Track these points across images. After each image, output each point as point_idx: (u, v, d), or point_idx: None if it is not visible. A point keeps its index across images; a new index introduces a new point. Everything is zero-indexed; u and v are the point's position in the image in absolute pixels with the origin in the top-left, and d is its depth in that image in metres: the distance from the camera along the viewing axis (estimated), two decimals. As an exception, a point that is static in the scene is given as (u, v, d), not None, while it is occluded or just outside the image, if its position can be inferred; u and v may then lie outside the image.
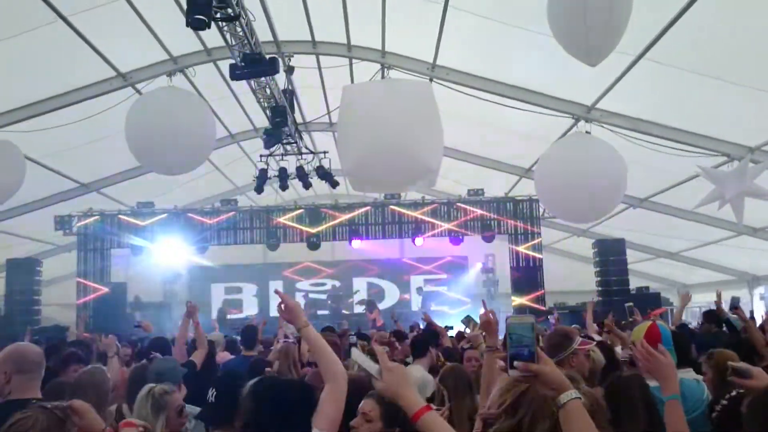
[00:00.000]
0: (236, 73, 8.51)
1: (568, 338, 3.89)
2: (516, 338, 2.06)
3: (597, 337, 6.44)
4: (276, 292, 3.33)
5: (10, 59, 9.12)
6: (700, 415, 3.54)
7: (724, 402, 3.39)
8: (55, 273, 18.14)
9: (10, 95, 10.15)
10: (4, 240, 15.10)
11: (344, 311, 20.20)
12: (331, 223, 17.25)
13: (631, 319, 7.95)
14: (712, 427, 3.37)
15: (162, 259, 17.72)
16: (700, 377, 4.33)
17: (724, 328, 7.70)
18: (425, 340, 6.54)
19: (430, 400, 4.01)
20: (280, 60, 10.21)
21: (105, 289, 16.56)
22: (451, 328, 9.98)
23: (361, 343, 6.89)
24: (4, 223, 14.21)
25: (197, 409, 4.25)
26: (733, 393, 3.44)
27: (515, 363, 2.03)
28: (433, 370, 5.93)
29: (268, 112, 10.43)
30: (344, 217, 17.20)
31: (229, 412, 3.06)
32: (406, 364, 6.13)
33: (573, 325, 7.30)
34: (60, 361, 5.55)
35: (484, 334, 3.82)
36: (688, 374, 4.46)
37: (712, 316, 7.20)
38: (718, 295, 7.24)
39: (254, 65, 8.33)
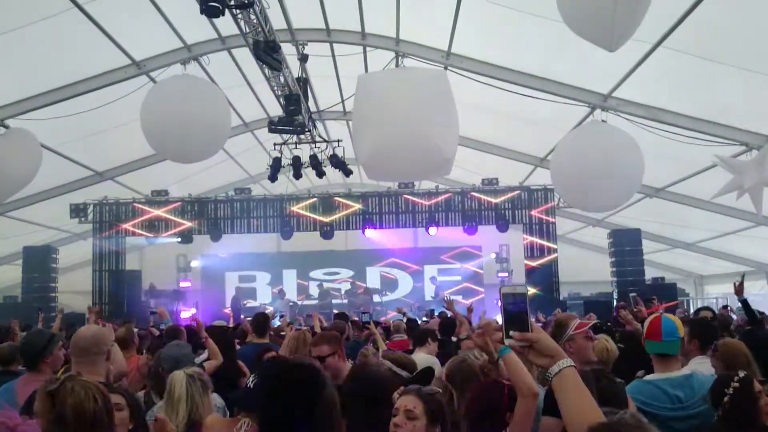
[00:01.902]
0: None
1: (562, 325, 3.90)
2: (510, 307, 2.05)
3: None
4: None
5: (26, 47, 9.15)
6: (709, 408, 3.51)
7: (736, 384, 3.38)
8: (71, 260, 18.28)
9: (25, 83, 10.20)
10: (20, 228, 15.22)
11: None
12: (345, 212, 17.25)
13: (636, 309, 7.88)
14: (720, 412, 3.36)
15: (176, 247, 17.81)
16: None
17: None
18: (425, 332, 6.77)
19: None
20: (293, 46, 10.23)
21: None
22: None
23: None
24: (20, 211, 14.33)
25: (221, 401, 4.28)
26: (742, 375, 3.43)
27: (511, 332, 2.02)
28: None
29: (281, 100, 10.41)
30: (358, 206, 17.19)
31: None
32: (410, 352, 6.15)
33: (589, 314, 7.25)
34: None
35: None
36: (708, 363, 4.43)
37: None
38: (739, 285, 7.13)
39: (268, 54, 8.34)
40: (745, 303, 6.88)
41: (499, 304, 2.10)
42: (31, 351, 4.33)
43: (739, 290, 6.85)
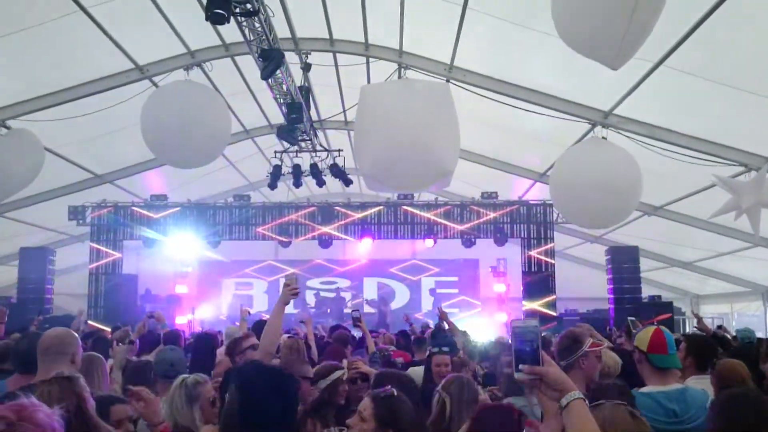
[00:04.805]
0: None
1: (578, 341, 3.93)
2: (520, 342, 2.10)
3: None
4: None
5: (29, 49, 9.16)
6: (703, 423, 3.52)
7: None
8: (67, 263, 18.25)
9: (27, 84, 10.21)
10: (18, 228, 15.19)
11: (346, 310, 20.24)
12: (344, 222, 17.25)
13: (635, 331, 7.90)
14: None
15: (173, 252, 17.80)
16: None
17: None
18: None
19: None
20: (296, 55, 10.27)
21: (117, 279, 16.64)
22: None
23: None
24: (18, 212, 14.31)
25: None
26: None
27: (520, 366, 2.07)
28: None
29: (283, 108, 10.44)
30: (357, 215, 17.19)
31: None
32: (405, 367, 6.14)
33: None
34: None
35: None
36: (705, 381, 4.43)
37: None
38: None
39: (270, 58, 8.40)
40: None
41: (510, 339, 2.15)
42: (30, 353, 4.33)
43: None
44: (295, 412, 2.81)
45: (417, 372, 5.50)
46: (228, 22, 6.99)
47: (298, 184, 14.05)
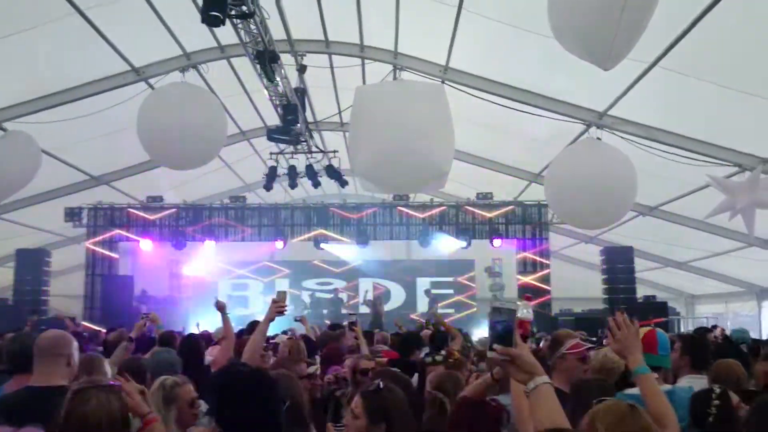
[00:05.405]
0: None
1: (558, 342, 3.94)
2: (497, 323, 2.15)
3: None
4: None
5: (26, 51, 9.17)
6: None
7: (717, 402, 3.40)
8: (63, 264, 18.21)
9: (24, 87, 10.21)
10: (14, 230, 15.16)
11: (344, 311, 20.23)
12: (339, 223, 17.26)
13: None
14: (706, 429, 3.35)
15: (169, 253, 17.78)
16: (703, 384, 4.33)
17: None
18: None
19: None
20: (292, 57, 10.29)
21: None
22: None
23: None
24: (14, 213, 14.28)
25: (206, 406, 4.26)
26: (719, 391, 3.44)
27: (494, 346, 2.12)
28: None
29: (279, 110, 10.46)
30: (352, 216, 17.20)
31: None
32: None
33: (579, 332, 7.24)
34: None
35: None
36: (700, 380, 4.44)
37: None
38: None
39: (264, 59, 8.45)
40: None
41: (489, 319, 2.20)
42: (22, 354, 4.32)
43: None
44: (278, 412, 2.84)
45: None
46: (224, 24, 7.01)
47: (293, 185, 14.07)
